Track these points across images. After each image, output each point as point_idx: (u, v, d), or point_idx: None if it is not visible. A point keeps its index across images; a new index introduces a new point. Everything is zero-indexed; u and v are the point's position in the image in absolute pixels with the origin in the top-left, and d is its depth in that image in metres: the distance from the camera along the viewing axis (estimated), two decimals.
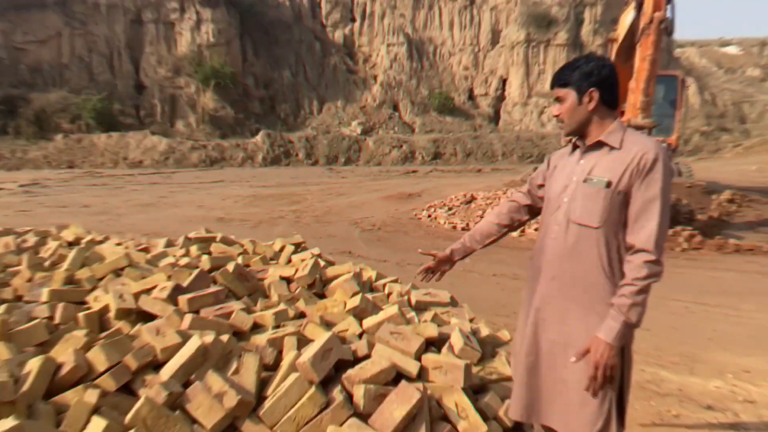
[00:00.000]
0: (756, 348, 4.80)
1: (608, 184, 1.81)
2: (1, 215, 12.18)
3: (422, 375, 2.43)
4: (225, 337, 2.41)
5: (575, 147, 2.00)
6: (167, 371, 2.18)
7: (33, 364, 2.09)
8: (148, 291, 2.97)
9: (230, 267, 3.25)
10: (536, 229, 10.62)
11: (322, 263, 3.91)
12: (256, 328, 2.77)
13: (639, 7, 11.45)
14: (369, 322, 2.80)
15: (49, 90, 36.41)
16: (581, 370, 1.81)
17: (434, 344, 2.75)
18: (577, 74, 1.86)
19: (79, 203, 14.69)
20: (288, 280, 3.56)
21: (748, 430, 3.44)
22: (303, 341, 2.54)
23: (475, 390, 2.54)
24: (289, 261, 4.13)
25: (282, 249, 4.37)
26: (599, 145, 1.89)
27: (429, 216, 12.87)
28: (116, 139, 32.85)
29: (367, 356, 2.46)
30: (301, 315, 3.04)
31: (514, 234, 10.62)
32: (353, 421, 2.05)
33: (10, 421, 1.63)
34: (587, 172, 1.88)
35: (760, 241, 9.94)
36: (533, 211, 2.30)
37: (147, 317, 2.81)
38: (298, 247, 4.46)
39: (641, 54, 10.85)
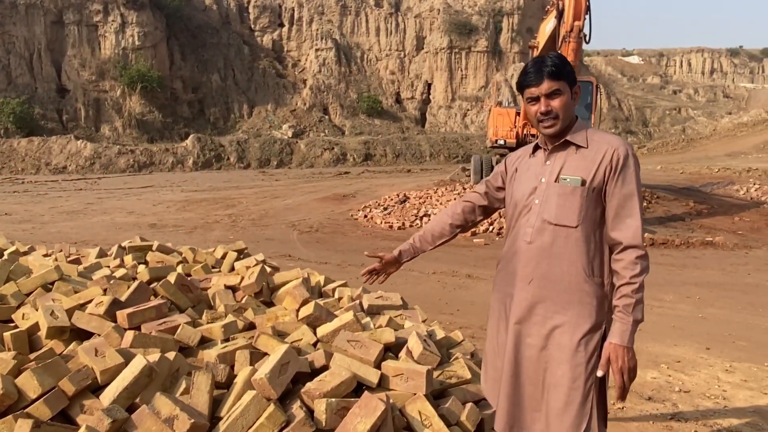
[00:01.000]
0: (682, 338, 5.03)
1: (583, 182, 1.79)
2: None
3: (383, 383, 2.35)
4: (171, 355, 2.25)
5: (536, 148, 1.97)
6: (108, 395, 2.00)
7: None
8: (82, 306, 2.75)
9: (171, 278, 3.06)
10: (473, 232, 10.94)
11: (268, 269, 3.77)
12: (204, 342, 2.61)
13: (559, 16, 12.02)
14: (323, 330, 2.69)
15: None
16: (562, 373, 1.78)
17: (390, 350, 2.68)
18: (567, 67, 1.83)
19: None
20: (233, 289, 3.39)
21: (687, 420, 3.57)
22: (256, 355, 2.40)
23: (435, 396, 2.49)
24: (232, 268, 3.96)
25: (224, 256, 4.18)
26: (566, 144, 1.87)
27: (365, 216, 12.88)
28: (38, 143, 31.00)
29: (325, 367, 2.35)
30: (251, 326, 2.89)
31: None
32: None
33: None
34: (557, 172, 1.85)
35: (671, 235, 10.52)
36: (488, 211, 2.28)
37: (82, 335, 2.59)
38: (241, 254, 4.28)
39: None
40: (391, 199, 15.15)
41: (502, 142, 18.72)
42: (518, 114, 19.01)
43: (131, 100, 38.16)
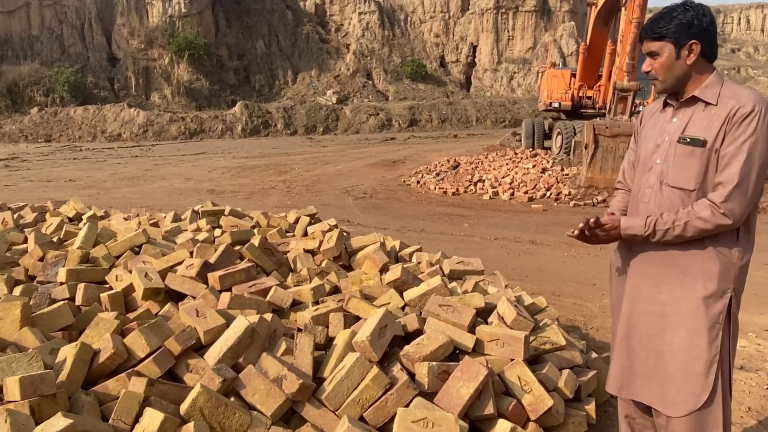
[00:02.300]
0: (766, 305, 4.81)
1: (703, 143, 1.66)
2: None
3: (477, 348, 2.31)
4: (268, 316, 2.26)
5: (666, 103, 1.84)
6: (213, 355, 2.03)
7: (67, 352, 1.92)
8: (172, 268, 2.80)
9: (256, 241, 3.08)
10: (526, 192, 10.68)
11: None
12: (294, 304, 2.62)
13: None
14: (411, 294, 2.66)
15: (20, 62, 35.17)
16: (681, 340, 1.69)
17: (479, 314, 2.63)
18: (674, 25, 1.68)
19: (63, 177, 14.25)
20: (312, 253, 3.40)
21: None
22: (349, 317, 2.40)
23: (530, 361, 2.43)
24: (305, 233, 3.97)
25: (297, 221, 4.20)
26: (693, 100, 1.73)
27: (417, 182, 12.78)
28: (93, 112, 31.92)
29: (418, 331, 2.33)
30: (335, 289, 2.89)
31: (504, 197, 10.59)
32: (420, 401, 1.92)
33: (61, 420, 1.47)
34: (681, 131, 1.72)
35: None
36: None
37: (174, 296, 2.65)
38: (313, 219, 4.29)
39: (628, 17, 10.89)
40: (442, 165, 14.98)
41: (556, 104, 18.14)
42: (573, 75, 18.33)
43: (179, 67, 38.71)
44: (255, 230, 3.71)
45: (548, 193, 10.61)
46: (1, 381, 1.67)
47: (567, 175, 11.81)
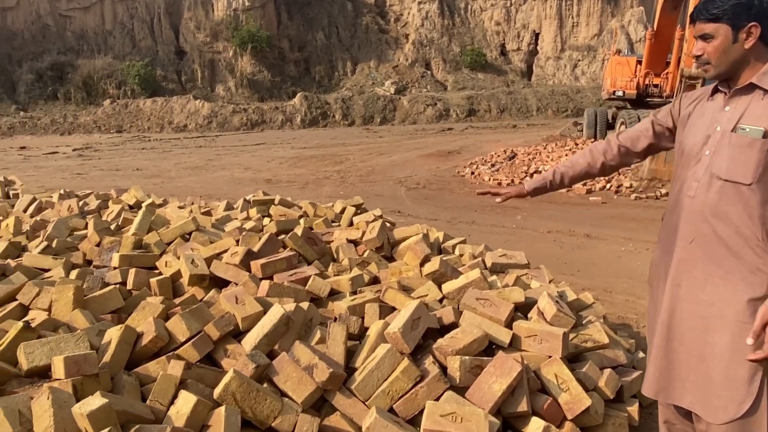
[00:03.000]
0: None
1: (765, 134, 1.55)
2: (59, 178, 12.50)
3: (514, 343, 2.27)
4: (305, 305, 2.29)
5: (715, 90, 1.73)
6: (250, 341, 2.08)
7: (112, 334, 2.01)
8: (218, 256, 2.88)
9: (299, 230, 3.13)
10: (584, 184, 10.34)
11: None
12: (332, 293, 2.65)
13: None
14: (449, 286, 2.63)
15: (94, 56, 37.02)
16: (723, 343, 1.59)
17: (519, 309, 2.58)
18: (732, 5, 1.56)
19: (131, 166, 14.95)
20: (355, 243, 3.42)
21: None
22: (385, 308, 2.40)
23: (570, 359, 2.37)
24: (351, 223, 3.99)
25: (343, 211, 4.23)
26: (750, 87, 1.62)
27: (472, 173, 12.62)
28: (161, 103, 33.25)
29: (454, 324, 2.31)
30: (375, 280, 2.90)
31: (562, 189, 10.23)
32: (450, 395, 1.91)
33: (98, 399, 1.54)
34: (736, 120, 1.61)
35: None
36: (649, 152, 2.01)
37: (220, 282, 2.73)
38: (359, 209, 4.31)
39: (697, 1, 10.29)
40: (498, 156, 14.74)
41: (620, 93, 17.47)
42: (639, 62, 17.58)
43: (242, 60, 39.70)
44: (301, 220, 3.77)
45: (608, 185, 10.25)
46: (49, 359, 1.77)
47: (629, 166, 11.37)
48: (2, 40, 37.73)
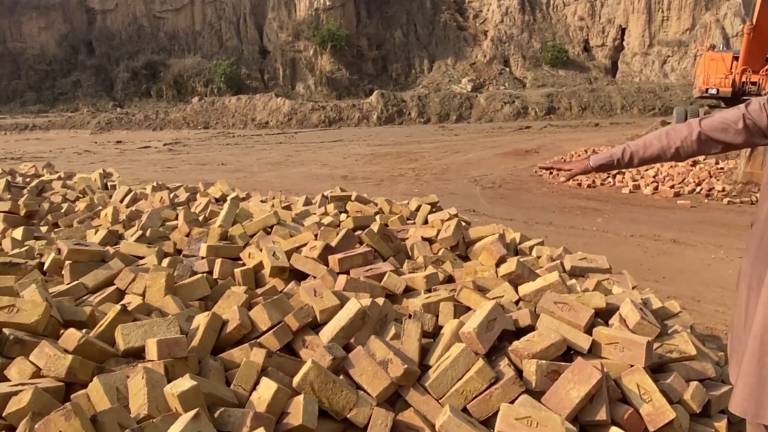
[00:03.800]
0: None
1: None
2: (151, 171, 13.29)
3: (593, 350, 2.20)
4: (380, 300, 2.33)
5: None
6: (327, 333, 2.13)
7: (200, 320, 2.12)
8: (297, 249, 2.97)
9: (375, 227, 3.17)
10: (672, 186, 9.79)
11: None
12: (407, 291, 2.67)
13: None
14: (526, 288, 2.59)
15: (184, 56, 39.01)
16: None
17: (599, 315, 2.50)
18: None
19: (216, 161, 15.66)
20: (430, 241, 3.43)
21: None
22: (459, 308, 2.39)
23: (653, 370, 2.27)
24: (426, 221, 4.00)
25: (418, 208, 4.24)
26: None
27: (551, 173, 12.28)
28: (245, 101, 34.56)
29: (530, 327, 2.27)
30: (450, 279, 2.90)
31: (647, 191, 9.81)
32: (525, 399, 1.88)
33: (188, 381, 1.64)
34: None
35: None
36: (730, 148, 1.90)
37: (298, 275, 2.81)
38: (434, 207, 4.31)
39: None
40: (579, 155, 14.27)
41: (714, 91, 16.47)
42: (736, 59, 16.49)
43: (322, 58, 40.56)
44: (377, 216, 3.81)
45: (698, 189, 9.69)
46: (143, 341, 1.89)
47: (722, 169, 10.70)
48: (102, 41, 40.54)
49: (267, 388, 1.77)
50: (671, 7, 42.41)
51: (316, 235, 3.15)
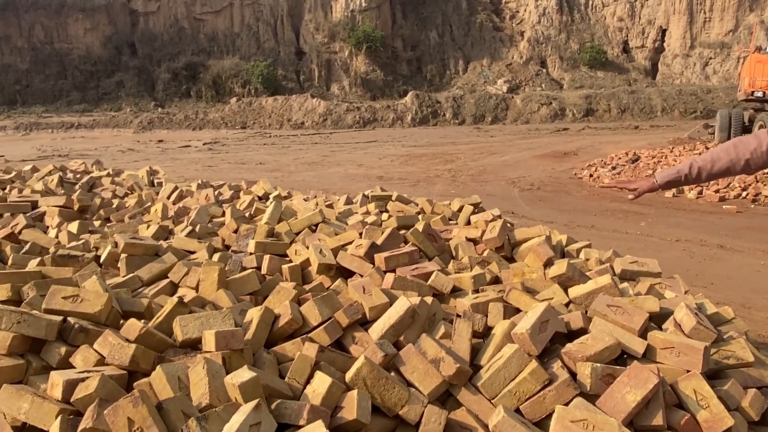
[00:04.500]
0: None
1: None
2: (192, 169, 13.59)
3: (648, 354, 2.16)
4: (429, 299, 2.33)
5: None
6: (377, 330, 2.14)
7: (254, 314, 2.16)
8: (343, 247, 3.00)
9: (420, 226, 3.18)
10: (716, 191, 9.50)
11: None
12: (454, 291, 2.67)
13: None
14: (576, 291, 2.55)
15: (223, 57, 39.72)
16: None
17: (652, 320, 2.44)
18: None
19: (254, 160, 15.90)
20: (474, 242, 3.41)
21: None
22: (509, 309, 2.38)
23: (709, 376, 2.21)
24: (468, 222, 3.98)
25: (460, 209, 4.23)
26: None
27: (590, 175, 12.07)
28: (281, 102, 34.98)
29: (583, 330, 2.24)
30: (496, 279, 2.88)
31: (691, 195, 9.55)
32: (580, 402, 1.86)
33: (247, 372, 1.67)
34: None
35: None
36: None
37: (344, 272, 2.84)
38: (476, 208, 4.29)
39: None
40: (619, 158, 14.00)
41: (760, 94, 15.95)
42: None
43: (357, 60, 40.75)
44: (419, 216, 3.82)
45: (744, 193, 9.40)
46: (200, 333, 1.93)
47: None
48: (144, 42, 41.55)
49: (322, 382, 1.79)
50: (714, 8, 41.30)
51: (360, 234, 3.17)
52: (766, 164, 1.86)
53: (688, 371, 2.06)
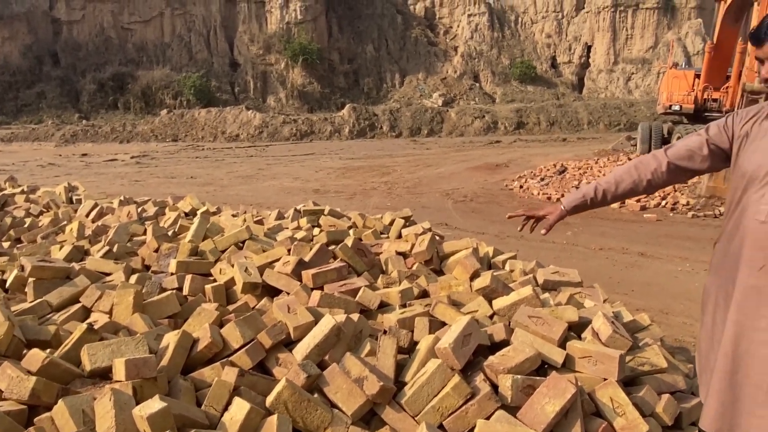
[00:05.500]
0: None
1: None
2: (118, 184, 13.03)
3: (567, 364, 2.21)
4: (355, 316, 2.30)
5: None
6: (301, 350, 2.10)
7: (170, 338, 2.07)
8: (270, 264, 2.93)
9: (349, 241, 3.15)
10: (638, 200, 9.99)
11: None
12: (381, 306, 2.65)
13: None
14: (500, 303, 2.60)
15: (153, 68, 38.54)
16: None
17: (572, 329, 2.52)
18: None
19: (185, 174, 15.43)
20: (404, 255, 3.42)
21: None
22: (435, 323, 2.38)
23: (625, 383, 2.29)
24: (400, 235, 3.99)
25: (392, 222, 4.24)
26: None
27: (521, 187, 12.47)
28: (215, 114, 34.25)
29: (505, 341, 2.27)
30: (424, 293, 2.89)
31: (614, 205, 9.98)
32: (501, 414, 1.87)
33: (157, 402, 1.59)
34: None
35: None
36: (697, 173, 1.96)
37: (271, 291, 2.77)
38: (407, 221, 4.31)
39: (761, 13, 10.00)
40: (548, 170, 14.51)
41: (677, 107, 16.98)
42: (697, 76, 17.06)
43: (293, 72, 40.55)
44: (351, 231, 3.79)
45: (663, 202, 9.93)
46: (110, 361, 1.83)
47: (686, 183, 10.99)
48: (68, 52, 39.77)
49: (239, 408, 1.73)
50: (635, 26, 43.84)
51: (289, 250, 3.11)
52: (667, 183, 1.96)
53: (605, 379, 2.13)
